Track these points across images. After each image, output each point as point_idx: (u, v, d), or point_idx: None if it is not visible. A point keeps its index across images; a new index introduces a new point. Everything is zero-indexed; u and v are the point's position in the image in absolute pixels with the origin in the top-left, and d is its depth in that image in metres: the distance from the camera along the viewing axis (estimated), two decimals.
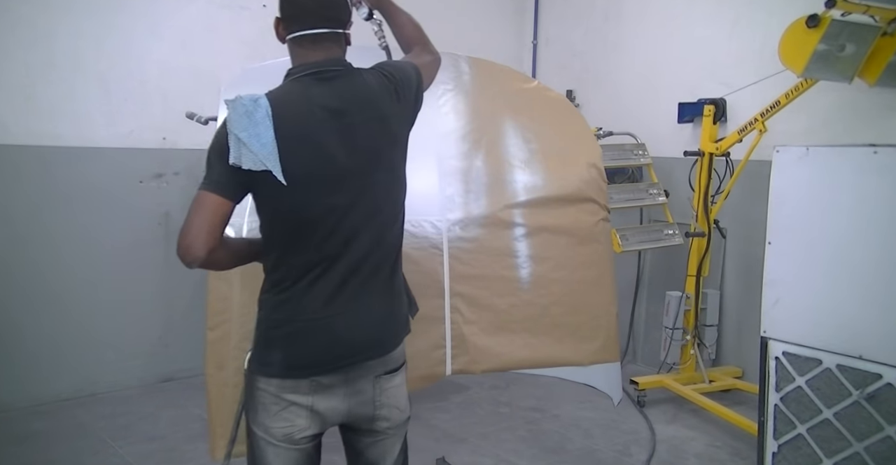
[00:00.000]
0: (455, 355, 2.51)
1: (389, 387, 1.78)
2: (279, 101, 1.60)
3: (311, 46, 1.68)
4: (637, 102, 4.77)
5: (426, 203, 2.52)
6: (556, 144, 2.91)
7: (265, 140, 1.54)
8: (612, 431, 3.68)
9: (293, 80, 1.68)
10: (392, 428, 1.82)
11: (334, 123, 1.63)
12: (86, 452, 3.33)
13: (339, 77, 1.68)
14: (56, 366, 3.92)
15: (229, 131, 1.55)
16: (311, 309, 1.66)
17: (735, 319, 4.25)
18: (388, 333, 1.78)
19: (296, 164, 1.57)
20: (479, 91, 2.85)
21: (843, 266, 2.25)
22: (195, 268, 1.59)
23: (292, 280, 1.65)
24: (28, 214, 3.82)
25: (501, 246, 2.64)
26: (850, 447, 2.23)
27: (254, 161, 1.54)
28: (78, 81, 3.90)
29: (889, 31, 3.13)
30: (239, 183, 1.58)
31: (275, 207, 1.63)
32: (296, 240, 1.64)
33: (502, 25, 5.58)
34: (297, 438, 1.69)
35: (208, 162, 1.60)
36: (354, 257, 1.67)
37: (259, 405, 1.70)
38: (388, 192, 1.74)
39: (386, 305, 1.77)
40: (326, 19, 1.68)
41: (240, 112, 1.55)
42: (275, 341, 1.68)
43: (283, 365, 1.67)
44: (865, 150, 2.20)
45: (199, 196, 1.58)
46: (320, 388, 1.69)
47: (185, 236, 1.55)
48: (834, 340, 2.26)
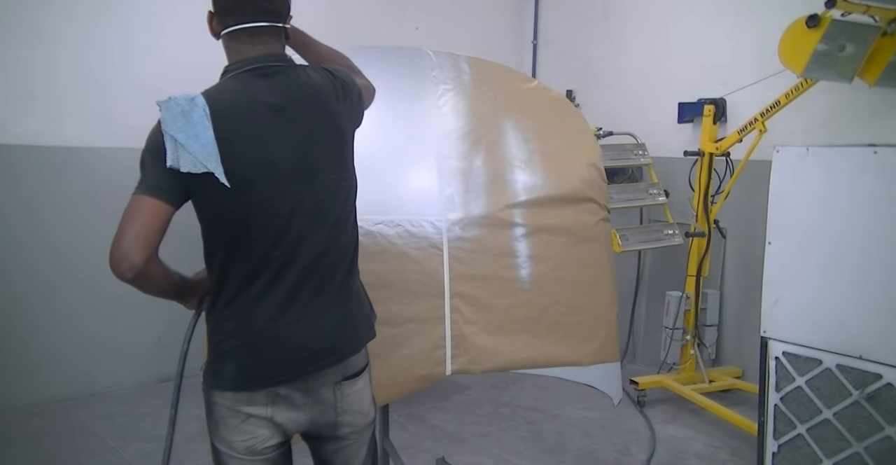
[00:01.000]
0: (455, 355, 2.50)
1: (351, 393, 1.72)
2: (217, 99, 1.52)
3: (248, 41, 1.59)
4: (637, 102, 4.77)
5: (426, 203, 2.52)
6: (556, 144, 2.91)
7: (204, 141, 1.46)
8: (612, 431, 3.68)
9: (231, 77, 1.59)
10: (356, 433, 1.76)
11: (277, 120, 1.55)
12: (85, 452, 3.33)
13: (280, 72, 1.59)
14: (55, 366, 3.92)
15: (164, 132, 1.47)
16: (263, 318, 1.58)
17: (735, 319, 4.25)
18: (345, 339, 1.70)
19: (238, 164, 1.49)
20: (479, 91, 2.84)
21: (843, 266, 2.25)
22: (128, 281, 1.47)
23: (240, 289, 1.57)
24: (28, 214, 3.82)
25: (501, 246, 2.64)
26: (850, 447, 2.23)
27: (193, 163, 1.45)
28: (78, 81, 3.90)
29: (889, 31, 3.13)
30: (177, 186, 1.48)
31: (217, 211, 1.55)
32: (240, 245, 1.56)
33: (502, 25, 5.58)
34: (260, 448, 1.64)
35: (142, 165, 1.51)
36: (304, 261, 1.60)
37: (218, 420, 1.64)
38: (337, 192, 1.66)
39: (342, 310, 1.69)
40: (264, 12, 1.59)
41: (175, 112, 1.47)
42: (226, 353, 1.61)
43: (236, 377, 1.59)
44: (865, 150, 2.20)
45: (134, 201, 1.47)
46: (278, 399, 1.62)
47: (120, 243, 1.45)
48: (834, 340, 2.26)
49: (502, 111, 2.86)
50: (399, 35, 4.85)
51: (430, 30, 5.06)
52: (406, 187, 2.49)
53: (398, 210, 2.43)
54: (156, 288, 1.57)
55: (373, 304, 1.86)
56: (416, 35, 4.97)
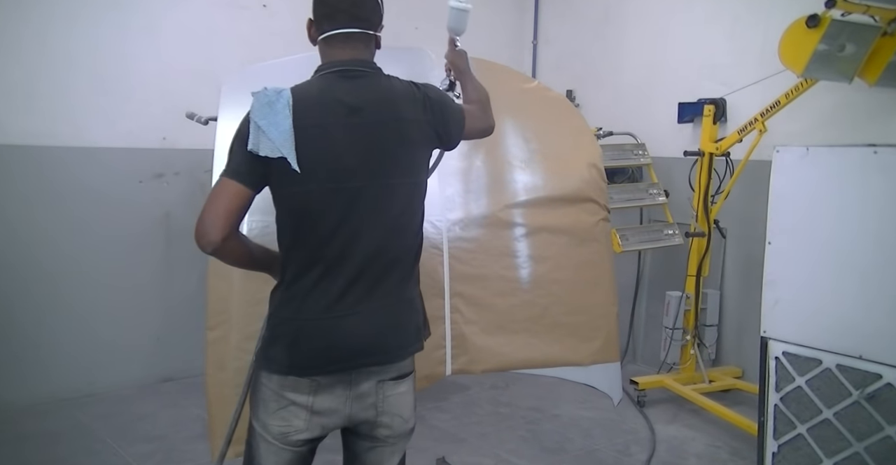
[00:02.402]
0: (455, 355, 2.51)
1: (393, 394, 1.75)
2: (301, 93, 1.64)
3: (340, 46, 1.71)
4: (637, 102, 4.77)
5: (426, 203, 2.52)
6: (556, 144, 2.91)
7: (283, 128, 1.57)
8: (612, 431, 3.68)
9: (319, 76, 1.71)
10: (393, 437, 1.78)
11: (351, 119, 1.65)
12: (85, 452, 3.33)
13: (363, 77, 1.71)
14: (55, 366, 3.92)
15: (251, 120, 1.59)
16: (316, 308, 1.65)
17: (735, 319, 4.25)
18: (393, 342, 1.74)
19: (307, 153, 1.60)
20: None
21: (844, 266, 2.25)
22: (209, 254, 1.60)
23: (298, 275, 1.66)
24: (27, 214, 3.82)
25: (501, 246, 2.64)
26: (850, 447, 2.23)
27: (271, 148, 1.57)
28: (77, 81, 3.90)
29: (889, 31, 3.13)
30: (257, 171, 1.60)
31: (285, 197, 1.65)
32: (301, 234, 1.65)
33: (502, 25, 5.58)
34: (292, 439, 1.69)
35: (230, 150, 1.64)
36: (360, 258, 1.66)
37: (261, 401, 1.71)
38: (399, 195, 1.72)
39: (393, 313, 1.74)
40: (357, 19, 1.71)
41: (262, 102, 1.59)
42: (279, 337, 1.69)
43: (284, 362, 1.67)
44: (865, 150, 2.20)
45: (219, 183, 1.61)
46: (321, 388, 1.68)
47: (203, 220, 1.57)
48: (834, 340, 2.26)
49: (502, 111, 2.85)
50: (399, 35, 4.83)
51: (430, 30, 5.05)
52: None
53: None
54: (236, 261, 1.72)
55: None
56: (416, 35, 4.97)
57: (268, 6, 4.37)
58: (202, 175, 3.97)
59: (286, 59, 2.79)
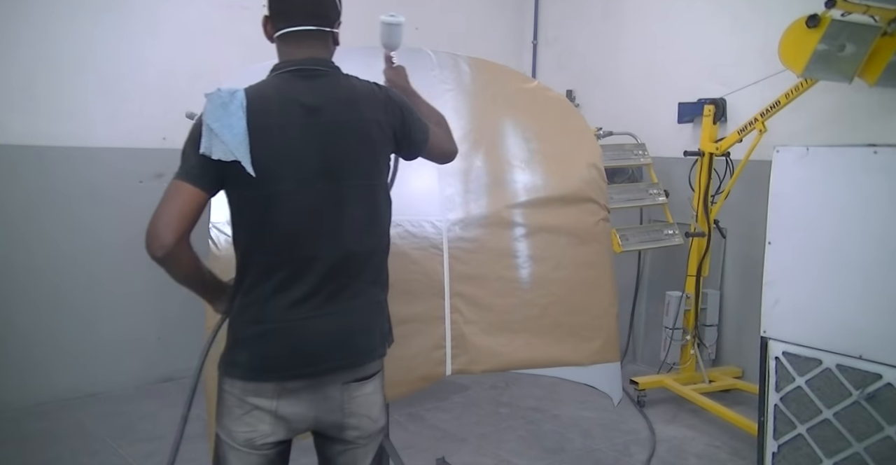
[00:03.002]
0: (455, 355, 2.50)
1: (359, 395, 1.72)
2: (256, 94, 1.59)
3: (296, 44, 1.67)
4: (637, 102, 4.77)
5: (426, 203, 2.52)
6: (556, 144, 2.91)
7: (237, 131, 1.53)
8: (612, 431, 3.68)
9: (275, 75, 1.67)
10: (363, 438, 1.76)
11: (309, 120, 1.61)
12: (85, 452, 3.33)
13: (322, 76, 1.66)
14: (55, 366, 3.92)
15: (203, 122, 1.55)
16: (278, 312, 1.62)
17: (735, 319, 4.25)
18: (359, 346, 1.71)
19: (264, 156, 1.56)
20: (479, 91, 2.84)
21: (844, 266, 2.25)
22: (160, 259, 1.55)
23: (259, 280, 1.63)
24: (27, 214, 3.82)
25: (501, 246, 2.64)
26: (850, 447, 2.23)
27: (224, 151, 1.53)
28: (78, 81, 3.90)
29: (889, 31, 3.13)
30: (212, 175, 1.56)
31: (242, 201, 1.62)
32: (261, 237, 1.62)
33: (502, 25, 5.58)
34: (259, 443, 1.66)
35: (183, 153, 1.59)
36: (325, 261, 1.63)
37: (224, 408, 1.68)
38: (363, 198, 1.68)
39: (360, 317, 1.71)
40: (314, 16, 1.67)
41: (215, 103, 1.55)
42: (241, 342, 1.65)
43: (247, 367, 1.64)
44: (865, 150, 2.20)
45: (172, 185, 1.57)
46: (285, 392, 1.65)
47: (155, 222, 1.53)
48: (834, 340, 2.26)
49: (502, 111, 2.86)
50: None
51: (430, 30, 5.05)
52: (406, 187, 2.48)
53: (398, 210, 2.41)
54: (184, 272, 1.64)
55: None
56: (416, 35, 4.96)
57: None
58: None
59: None
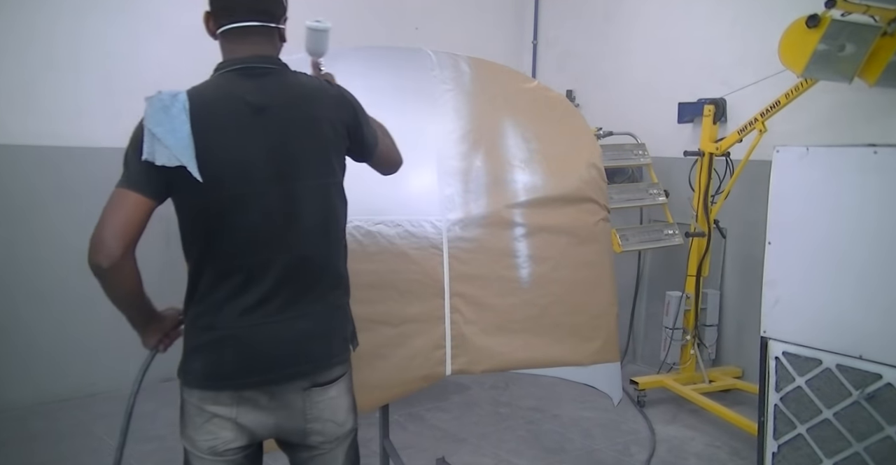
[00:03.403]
0: (455, 355, 2.50)
1: (322, 400, 1.67)
2: (199, 95, 1.54)
3: (239, 41, 1.60)
4: (637, 102, 4.77)
5: (426, 203, 2.52)
6: (556, 143, 2.91)
7: (180, 135, 1.47)
8: (612, 431, 3.68)
9: (219, 74, 1.61)
10: (328, 442, 1.70)
11: (256, 120, 1.55)
12: (85, 452, 3.33)
13: (268, 74, 1.60)
14: (55, 366, 3.92)
15: (144, 127, 1.49)
16: (232, 318, 1.57)
17: (735, 319, 4.25)
18: (318, 351, 1.65)
19: (211, 160, 1.50)
20: (479, 91, 2.84)
21: (844, 266, 2.25)
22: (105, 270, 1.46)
23: (212, 287, 1.57)
24: (28, 213, 3.82)
25: (501, 246, 2.64)
26: (850, 448, 2.23)
27: (168, 157, 1.46)
28: (78, 81, 3.90)
29: (889, 31, 3.13)
30: (157, 181, 1.50)
31: (191, 207, 1.55)
32: (213, 243, 1.56)
33: (502, 25, 5.58)
34: (222, 449, 1.61)
35: (125, 160, 1.53)
36: (280, 265, 1.58)
37: (186, 417, 1.64)
38: (318, 197, 1.63)
39: (320, 322, 1.66)
40: (256, 12, 1.60)
41: (156, 107, 1.49)
42: (195, 350, 1.61)
43: (202, 375, 1.59)
44: (865, 150, 2.20)
45: (115, 194, 1.50)
46: (243, 400, 1.60)
47: (100, 233, 1.46)
48: (834, 340, 2.26)
49: (502, 111, 2.86)
50: (399, 35, 4.85)
51: (430, 30, 5.05)
52: (406, 187, 2.48)
53: (398, 210, 2.43)
54: (126, 289, 1.56)
55: (370, 305, 1.83)
56: (416, 35, 4.97)
57: None
58: None
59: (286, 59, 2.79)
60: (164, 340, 1.74)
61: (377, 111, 1.91)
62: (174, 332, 1.75)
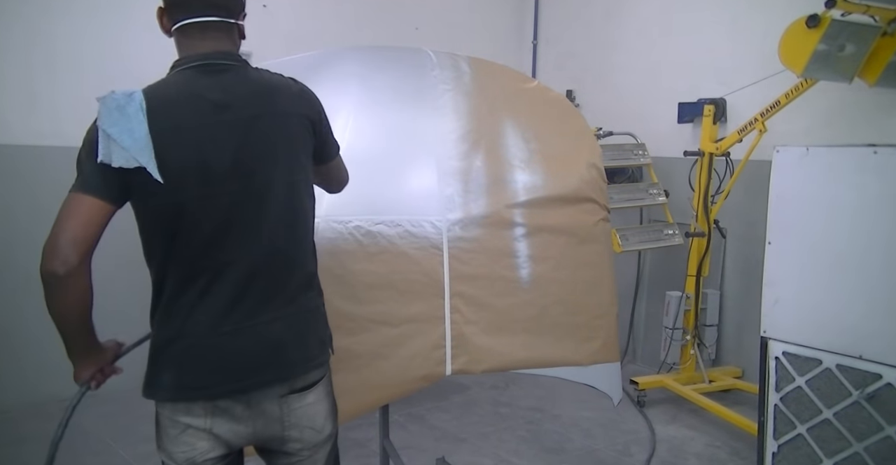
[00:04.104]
0: (455, 355, 2.50)
1: (300, 406, 1.62)
2: (157, 94, 1.49)
3: (198, 36, 1.55)
4: (637, 102, 4.77)
5: (426, 203, 2.52)
6: (556, 144, 2.91)
7: (138, 135, 1.42)
8: (612, 431, 3.68)
9: (176, 72, 1.55)
10: (306, 449, 1.66)
11: (217, 117, 1.49)
12: (86, 452, 3.33)
13: (228, 70, 1.54)
14: (56, 366, 3.88)
15: (99, 128, 1.44)
16: (201, 325, 1.51)
17: (735, 319, 4.25)
18: (293, 357, 1.59)
19: (171, 160, 1.44)
20: (479, 91, 2.84)
21: (844, 266, 2.25)
22: (60, 277, 1.39)
23: (177, 293, 1.52)
24: (27, 213, 3.82)
25: (501, 246, 2.64)
26: (850, 447, 2.23)
27: (125, 158, 1.41)
28: (78, 81, 3.90)
29: (889, 31, 3.13)
30: (114, 184, 1.44)
31: (151, 209, 1.50)
32: (176, 246, 1.50)
33: (502, 25, 5.58)
34: (201, 461, 1.57)
35: (78, 163, 1.48)
36: (246, 265, 1.52)
37: (161, 429, 1.59)
38: (283, 195, 1.56)
39: (294, 325, 1.60)
40: (214, 6, 1.54)
41: (111, 107, 1.44)
42: (162, 361, 1.54)
43: (170, 387, 1.54)
44: (865, 150, 2.20)
45: (70, 198, 1.44)
46: (217, 410, 1.55)
47: (56, 238, 1.39)
48: (834, 340, 2.26)
49: (502, 111, 2.86)
50: (399, 35, 4.85)
51: (430, 30, 5.05)
52: (406, 187, 2.49)
53: (398, 210, 2.43)
54: (76, 302, 1.48)
55: (370, 305, 1.80)
56: (416, 35, 4.97)
57: (268, 6, 4.37)
58: None
59: (286, 59, 2.79)
60: (97, 375, 1.67)
61: (377, 111, 1.91)
62: (109, 368, 1.70)
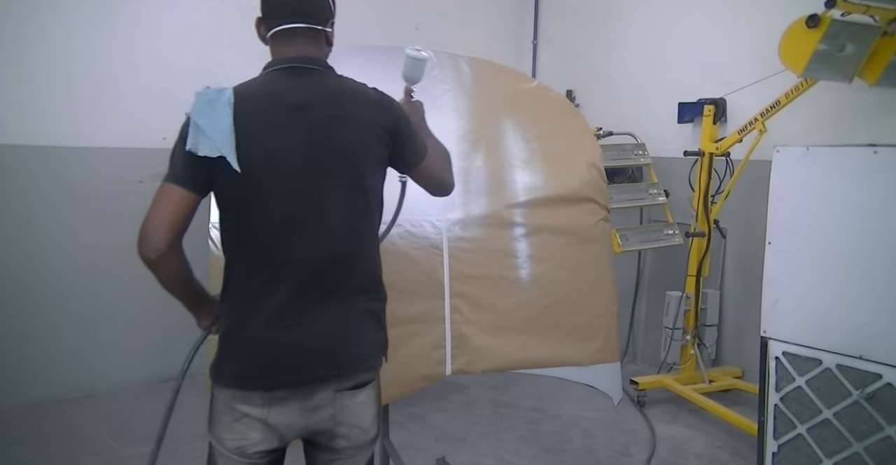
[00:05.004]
0: (455, 355, 2.51)
1: (351, 404, 1.68)
2: (243, 91, 1.59)
3: (286, 42, 1.67)
4: (637, 102, 4.77)
5: (426, 203, 2.51)
6: (556, 144, 2.91)
7: (223, 127, 1.53)
8: (612, 431, 3.68)
9: (265, 73, 1.67)
10: (352, 448, 1.71)
11: (295, 118, 1.59)
12: (85, 452, 3.33)
13: (311, 74, 1.65)
14: (55, 367, 3.92)
15: (190, 119, 1.55)
16: (265, 318, 1.59)
17: (735, 319, 4.25)
18: (345, 356, 1.66)
19: (249, 154, 1.55)
20: (479, 91, 2.84)
21: (844, 266, 2.25)
22: (152, 261, 1.53)
23: (244, 284, 1.61)
24: (27, 214, 3.82)
25: (501, 246, 2.64)
26: (850, 447, 2.23)
27: (210, 147, 1.52)
28: (77, 81, 3.90)
29: (889, 31, 3.13)
30: (200, 175, 1.55)
31: (227, 200, 1.60)
32: (244, 238, 1.60)
33: (502, 25, 5.59)
34: (250, 452, 1.63)
35: (172, 155, 1.59)
36: (309, 264, 1.60)
37: (215, 415, 1.66)
38: (348, 199, 1.64)
39: (348, 324, 1.67)
40: (301, 15, 1.66)
41: (202, 100, 1.56)
42: (229, 349, 1.63)
43: (234, 375, 1.61)
44: (865, 150, 2.20)
45: (161, 188, 1.56)
46: (274, 401, 1.61)
47: (147, 225, 1.53)
48: (834, 340, 2.26)
49: (502, 111, 2.86)
50: (399, 35, 4.85)
51: (430, 30, 5.05)
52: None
53: None
54: (175, 278, 1.62)
55: None
56: (416, 35, 4.97)
57: None
58: None
59: None
60: (215, 322, 1.78)
61: None
62: None
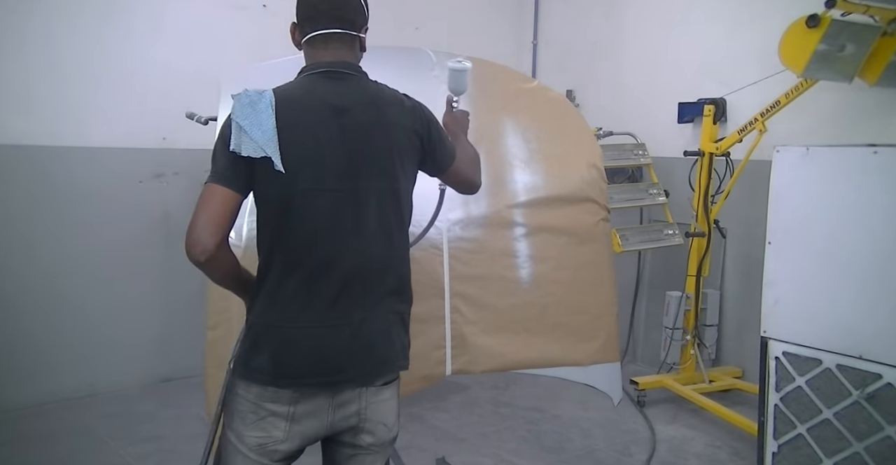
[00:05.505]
0: (455, 355, 2.51)
1: (376, 401, 1.70)
2: (284, 93, 1.62)
3: (321, 46, 1.70)
4: (637, 102, 4.77)
5: (426, 203, 2.52)
6: (556, 144, 2.91)
7: (266, 128, 1.56)
8: (612, 431, 3.68)
9: (303, 76, 1.70)
10: (375, 445, 1.73)
11: (336, 120, 1.62)
12: (85, 452, 3.33)
13: (348, 78, 1.69)
14: (55, 366, 3.92)
15: (232, 120, 1.57)
16: (304, 316, 1.61)
17: (735, 319, 4.25)
18: (379, 356, 1.69)
19: (291, 154, 1.57)
20: (479, 91, 2.84)
21: (844, 266, 2.25)
22: (202, 263, 1.56)
23: (280, 282, 1.62)
24: (27, 214, 3.82)
25: (501, 246, 2.64)
26: (850, 447, 2.23)
27: (254, 148, 1.55)
28: (77, 81, 3.90)
29: (889, 31, 3.13)
30: (242, 174, 1.58)
31: (267, 199, 1.62)
32: (281, 239, 1.62)
33: (502, 25, 5.58)
34: (270, 450, 1.63)
35: (214, 155, 1.61)
36: (345, 266, 1.62)
37: (236, 412, 1.65)
38: (380, 201, 1.66)
39: (383, 326, 1.70)
40: (337, 19, 1.69)
41: (244, 102, 1.58)
42: (262, 345, 1.63)
43: (268, 372, 1.61)
44: (865, 150, 2.20)
45: (205, 190, 1.59)
46: (302, 398, 1.63)
47: (194, 229, 1.55)
48: (834, 340, 2.26)
49: (502, 111, 2.87)
50: (399, 35, 4.84)
51: (430, 30, 5.05)
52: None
53: None
54: (225, 274, 1.67)
55: None
56: (416, 35, 4.97)
57: (268, 6, 4.37)
58: (202, 175, 3.93)
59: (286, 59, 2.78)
60: None
61: None
62: None
